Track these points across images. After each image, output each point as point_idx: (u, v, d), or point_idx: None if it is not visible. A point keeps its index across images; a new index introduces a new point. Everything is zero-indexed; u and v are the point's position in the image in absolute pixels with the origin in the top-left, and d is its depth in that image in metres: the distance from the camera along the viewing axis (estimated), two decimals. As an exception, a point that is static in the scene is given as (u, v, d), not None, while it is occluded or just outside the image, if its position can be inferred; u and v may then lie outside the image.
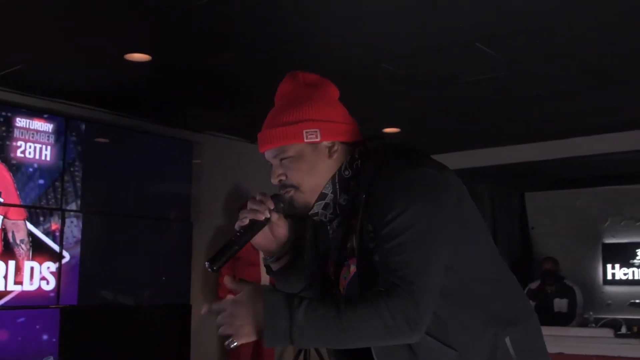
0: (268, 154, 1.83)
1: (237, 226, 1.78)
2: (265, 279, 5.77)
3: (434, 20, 3.75)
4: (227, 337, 1.60)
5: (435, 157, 1.77)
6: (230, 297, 6.14)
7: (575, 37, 4.02)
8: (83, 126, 5.42)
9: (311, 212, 1.81)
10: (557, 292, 6.99)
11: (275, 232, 1.86)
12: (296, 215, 1.88)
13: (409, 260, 1.57)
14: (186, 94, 5.27)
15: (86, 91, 5.22)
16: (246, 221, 1.77)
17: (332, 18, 3.73)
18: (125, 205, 5.74)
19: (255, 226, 1.78)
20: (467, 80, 4.72)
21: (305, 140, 1.78)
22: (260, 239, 1.84)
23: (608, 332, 5.37)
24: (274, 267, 1.93)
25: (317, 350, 6.37)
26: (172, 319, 6.03)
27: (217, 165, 6.54)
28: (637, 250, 8.97)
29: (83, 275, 5.34)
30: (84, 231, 5.38)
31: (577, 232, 9.20)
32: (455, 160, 7.24)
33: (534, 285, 7.22)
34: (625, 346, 5.22)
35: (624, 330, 5.34)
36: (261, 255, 1.95)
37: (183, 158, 6.14)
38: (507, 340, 1.69)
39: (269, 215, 1.79)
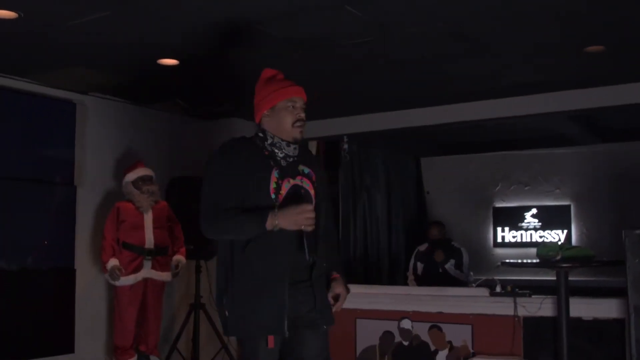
0: (300, 99, 3.15)
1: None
2: (149, 241, 5.75)
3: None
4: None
5: (323, 122, 2.32)
6: (114, 260, 6.06)
7: (447, 1, 4.07)
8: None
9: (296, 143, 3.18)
10: (445, 255, 7.13)
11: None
12: None
13: None
14: (65, 53, 5.11)
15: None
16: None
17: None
18: (6, 168, 5.60)
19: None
20: (342, 43, 4.73)
21: None
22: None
23: (484, 292, 5.55)
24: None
25: (207, 315, 6.38)
26: (56, 283, 5.96)
27: (103, 127, 6.41)
28: (525, 214, 9.32)
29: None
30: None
31: (469, 196, 9.48)
32: (347, 124, 7.29)
33: (422, 247, 7.36)
34: (499, 304, 5.41)
35: (498, 289, 5.51)
36: None
37: (65, 120, 6.02)
38: None
39: None
